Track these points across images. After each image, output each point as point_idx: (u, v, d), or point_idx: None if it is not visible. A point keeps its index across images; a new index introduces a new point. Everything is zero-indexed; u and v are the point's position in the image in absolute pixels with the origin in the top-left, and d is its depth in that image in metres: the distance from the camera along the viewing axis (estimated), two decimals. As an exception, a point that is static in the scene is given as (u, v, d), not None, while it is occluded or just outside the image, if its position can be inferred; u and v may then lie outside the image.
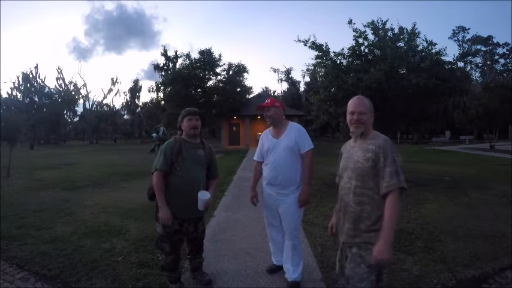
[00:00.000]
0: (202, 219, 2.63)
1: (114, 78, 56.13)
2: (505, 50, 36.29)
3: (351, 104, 1.77)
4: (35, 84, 37.78)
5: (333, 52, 7.08)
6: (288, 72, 45.41)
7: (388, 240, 1.49)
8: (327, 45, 7.07)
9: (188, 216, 2.45)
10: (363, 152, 1.67)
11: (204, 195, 2.36)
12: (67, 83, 42.43)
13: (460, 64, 7.60)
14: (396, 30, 6.97)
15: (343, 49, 7.05)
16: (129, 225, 4.23)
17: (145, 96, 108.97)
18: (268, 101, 2.68)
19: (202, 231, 2.64)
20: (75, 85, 43.45)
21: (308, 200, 2.57)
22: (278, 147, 2.55)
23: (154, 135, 2.54)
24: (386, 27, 6.92)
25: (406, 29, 6.96)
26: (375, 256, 1.51)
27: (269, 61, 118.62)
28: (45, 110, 36.17)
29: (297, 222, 2.57)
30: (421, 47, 6.90)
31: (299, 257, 2.60)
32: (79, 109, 45.71)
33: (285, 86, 44.82)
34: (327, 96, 7.04)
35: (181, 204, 2.37)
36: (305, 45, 7.07)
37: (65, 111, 41.81)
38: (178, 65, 28.60)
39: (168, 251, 2.42)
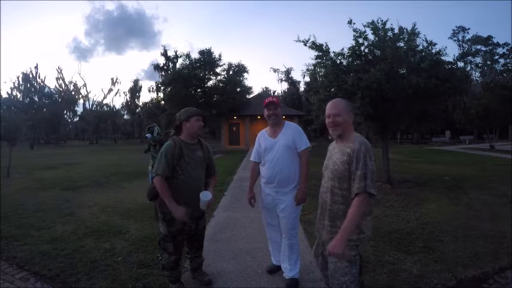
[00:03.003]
0: (203, 216, 2.65)
1: (114, 78, 56.27)
2: (505, 50, 36.24)
3: (327, 108, 1.87)
4: (35, 84, 37.74)
5: (333, 52, 7.06)
6: (288, 72, 45.36)
7: (343, 237, 1.60)
8: (327, 45, 7.06)
9: (191, 215, 2.45)
10: (340, 155, 1.77)
11: (205, 196, 2.37)
12: (67, 83, 42.50)
13: (460, 64, 7.56)
14: (396, 30, 6.95)
15: (343, 49, 7.03)
16: (129, 225, 4.23)
17: (145, 96, 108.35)
18: (274, 99, 2.64)
19: (203, 227, 2.65)
20: (75, 85, 43.51)
21: (305, 198, 2.57)
22: (276, 146, 2.55)
23: (148, 135, 2.50)
24: (386, 27, 6.89)
25: (406, 29, 6.94)
26: (329, 249, 1.62)
27: (269, 61, 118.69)
28: (45, 110, 36.10)
29: (294, 221, 2.58)
30: (421, 47, 6.89)
31: (296, 256, 2.60)
32: (79, 109, 45.77)
33: (285, 86, 44.76)
34: (327, 96, 7.01)
35: (185, 206, 2.37)
36: (305, 45, 7.06)
37: (65, 111, 41.76)
38: (178, 65, 28.50)
39: (172, 251, 2.42)
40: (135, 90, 48.44)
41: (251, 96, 26.48)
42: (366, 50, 7.01)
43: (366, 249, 3.30)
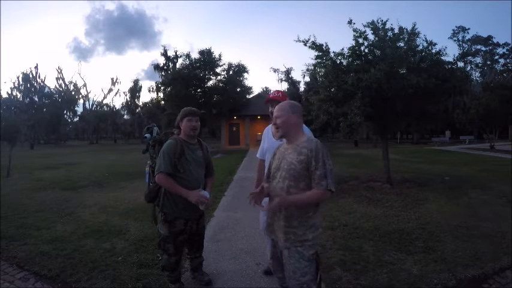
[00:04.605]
0: (203, 216, 2.65)
1: (114, 78, 56.22)
2: (505, 50, 36.34)
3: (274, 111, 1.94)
4: (35, 84, 37.72)
5: (333, 52, 7.05)
6: (288, 72, 45.28)
7: (291, 200, 1.72)
8: (327, 45, 7.05)
9: (192, 216, 2.46)
10: (296, 154, 1.78)
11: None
12: (67, 83, 42.43)
13: (460, 64, 7.56)
14: (396, 30, 6.94)
15: (343, 49, 7.02)
16: (129, 225, 4.23)
17: (145, 96, 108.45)
18: (280, 94, 2.53)
19: (202, 226, 2.65)
20: (75, 85, 43.43)
21: None
22: None
23: (147, 135, 2.47)
24: (386, 27, 6.88)
25: (406, 29, 6.93)
26: (274, 203, 1.75)
27: (269, 61, 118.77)
28: (45, 110, 36.13)
29: None
30: (421, 47, 6.87)
31: None
32: (79, 109, 45.80)
33: (285, 86, 44.62)
34: (327, 96, 7.02)
35: (186, 205, 2.36)
36: (305, 45, 7.05)
37: (65, 111, 41.79)
38: (178, 65, 28.50)
39: (172, 252, 2.41)
40: (135, 90, 48.40)
41: (251, 96, 26.44)
42: (366, 50, 7.01)
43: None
